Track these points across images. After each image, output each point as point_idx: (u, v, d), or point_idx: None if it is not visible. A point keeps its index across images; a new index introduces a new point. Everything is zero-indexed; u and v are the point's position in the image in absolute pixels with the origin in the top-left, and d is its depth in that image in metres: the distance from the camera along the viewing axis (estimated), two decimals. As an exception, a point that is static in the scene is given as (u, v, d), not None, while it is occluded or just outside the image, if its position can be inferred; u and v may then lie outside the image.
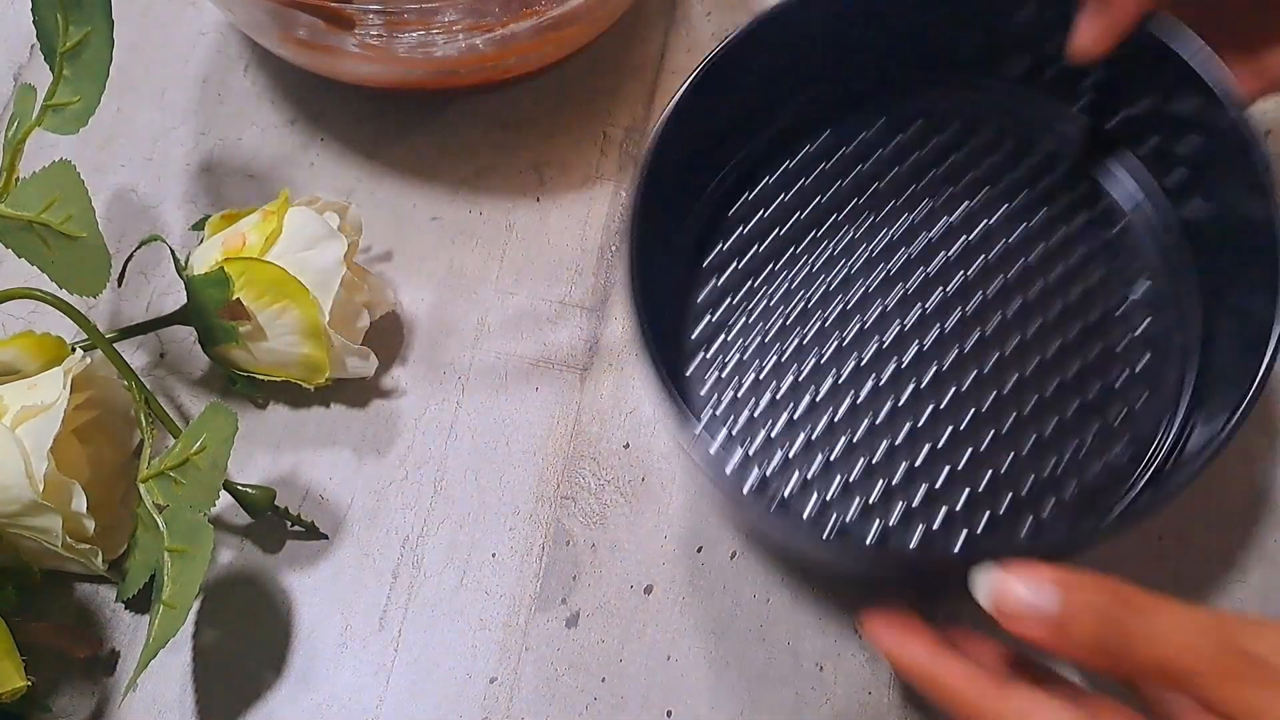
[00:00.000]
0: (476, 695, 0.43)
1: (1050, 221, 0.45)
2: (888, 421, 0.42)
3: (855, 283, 0.44)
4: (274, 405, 0.48)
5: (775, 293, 0.44)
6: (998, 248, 0.44)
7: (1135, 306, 0.43)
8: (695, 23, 0.57)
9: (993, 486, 0.41)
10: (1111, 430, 0.41)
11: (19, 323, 0.50)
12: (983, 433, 0.42)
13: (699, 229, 0.45)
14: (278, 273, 0.44)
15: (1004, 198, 0.45)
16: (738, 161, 0.46)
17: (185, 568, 0.39)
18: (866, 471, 0.41)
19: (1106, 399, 0.42)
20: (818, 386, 0.43)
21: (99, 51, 0.42)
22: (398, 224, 0.52)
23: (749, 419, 0.42)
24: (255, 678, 0.43)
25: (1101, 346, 0.43)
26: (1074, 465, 0.41)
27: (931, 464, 0.41)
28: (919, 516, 0.40)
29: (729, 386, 0.43)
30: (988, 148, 0.46)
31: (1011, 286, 0.44)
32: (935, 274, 0.44)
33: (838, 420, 0.42)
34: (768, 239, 0.45)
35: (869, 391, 0.42)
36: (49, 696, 0.43)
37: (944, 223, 0.45)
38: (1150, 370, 0.42)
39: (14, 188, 0.42)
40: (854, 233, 0.45)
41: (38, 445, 0.39)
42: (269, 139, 0.54)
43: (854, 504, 0.41)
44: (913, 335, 0.43)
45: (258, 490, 0.44)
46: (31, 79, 0.51)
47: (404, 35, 0.47)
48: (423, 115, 0.55)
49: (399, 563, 0.45)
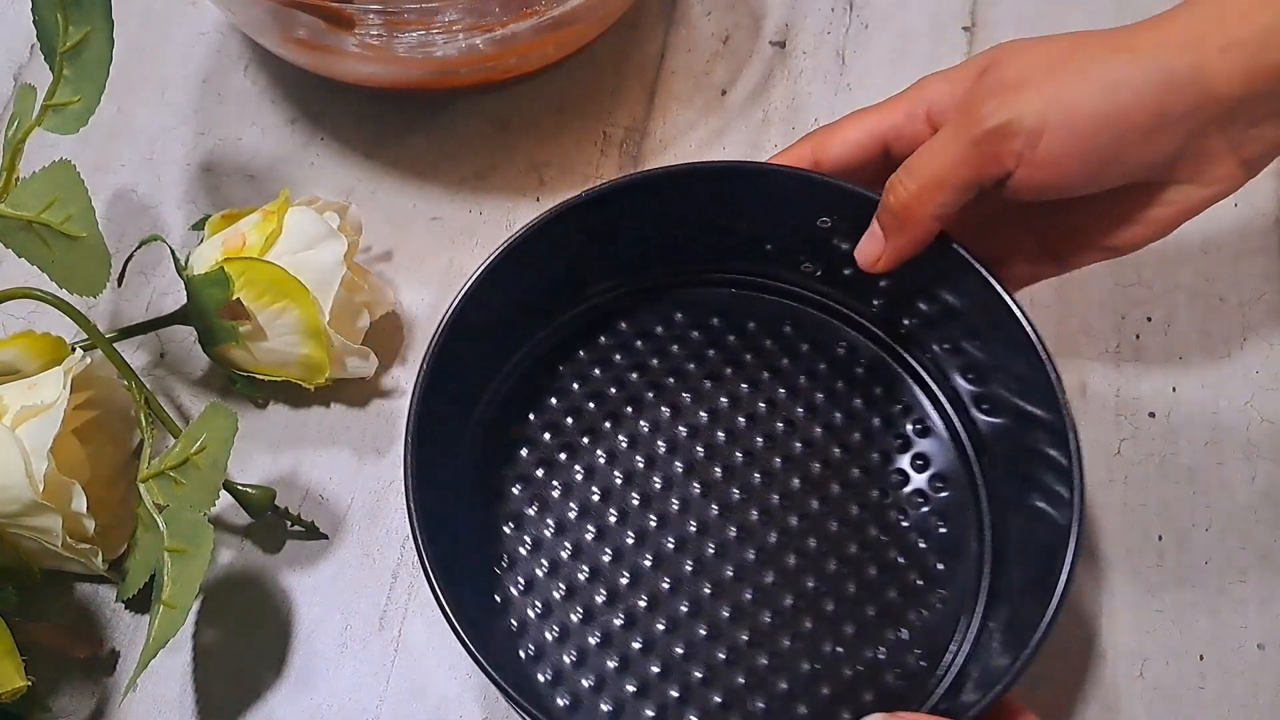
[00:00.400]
0: (477, 695, 0.43)
1: (850, 417, 0.44)
2: (685, 621, 0.41)
3: (650, 479, 0.43)
4: (274, 405, 0.48)
5: (572, 492, 0.43)
6: (797, 443, 0.44)
7: (934, 509, 0.43)
8: (695, 23, 0.57)
9: (789, 692, 0.40)
10: (910, 631, 0.41)
11: (19, 322, 0.50)
12: (779, 637, 0.41)
13: (498, 409, 0.44)
14: (278, 273, 0.44)
15: (806, 391, 0.45)
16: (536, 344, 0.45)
17: (185, 568, 0.39)
18: (661, 675, 0.40)
19: (902, 602, 0.41)
20: (622, 594, 0.41)
21: (99, 51, 0.42)
22: (398, 224, 0.52)
23: (546, 611, 0.41)
24: (255, 678, 0.43)
25: (898, 549, 0.42)
26: (869, 673, 0.40)
27: (727, 672, 0.40)
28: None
29: (533, 576, 0.42)
30: (790, 342, 0.46)
31: (806, 485, 0.43)
32: (734, 467, 0.43)
33: (634, 620, 0.41)
34: (563, 430, 0.44)
35: (666, 591, 0.41)
36: (49, 696, 0.43)
37: (746, 416, 0.44)
38: (944, 575, 0.42)
39: (14, 187, 0.42)
40: (650, 424, 0.44)
41: (38, 445, 0.39)
42: (269, 139, 0.54)
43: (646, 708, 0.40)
44: (710, 533, 0.42)
45: (258, 490, 0.44)
46: (32, 79, 0.51)
47: (404, 35, 0.47)
48: (423, 115, 0.55)
49: (399, 563, 0.45)
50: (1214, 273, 0.50)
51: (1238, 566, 0.45)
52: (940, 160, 0.37)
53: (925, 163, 0.37)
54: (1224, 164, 0.36)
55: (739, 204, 0.43)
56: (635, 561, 0.42)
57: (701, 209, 0.43)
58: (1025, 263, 0.42)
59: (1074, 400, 0.48)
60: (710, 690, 0.40)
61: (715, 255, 0.46)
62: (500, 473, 0.43)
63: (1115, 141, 0.35)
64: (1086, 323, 0.50)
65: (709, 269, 0.46)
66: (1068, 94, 0.35)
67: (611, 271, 0.46)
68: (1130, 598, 0.44)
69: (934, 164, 0.37)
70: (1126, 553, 0.45)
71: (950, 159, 0.37)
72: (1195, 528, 0.45)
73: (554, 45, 0.50)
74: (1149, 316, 0.50)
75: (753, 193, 0.42)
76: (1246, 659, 0.43)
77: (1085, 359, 0.49)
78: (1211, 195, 0.37)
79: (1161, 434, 0.47)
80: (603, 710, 0.39)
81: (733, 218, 0.44)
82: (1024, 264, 0.42)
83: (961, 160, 0.36)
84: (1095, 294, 0.50)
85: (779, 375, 0.45)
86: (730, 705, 0.40)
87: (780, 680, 0.40)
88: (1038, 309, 0.50)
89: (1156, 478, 0.46)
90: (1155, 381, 0.48)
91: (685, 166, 0.42)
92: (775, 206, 0.43)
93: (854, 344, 0.46)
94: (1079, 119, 0.35)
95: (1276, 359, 0.49)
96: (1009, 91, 0.35)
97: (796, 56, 0.56)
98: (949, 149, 0.37)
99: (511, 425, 0.44)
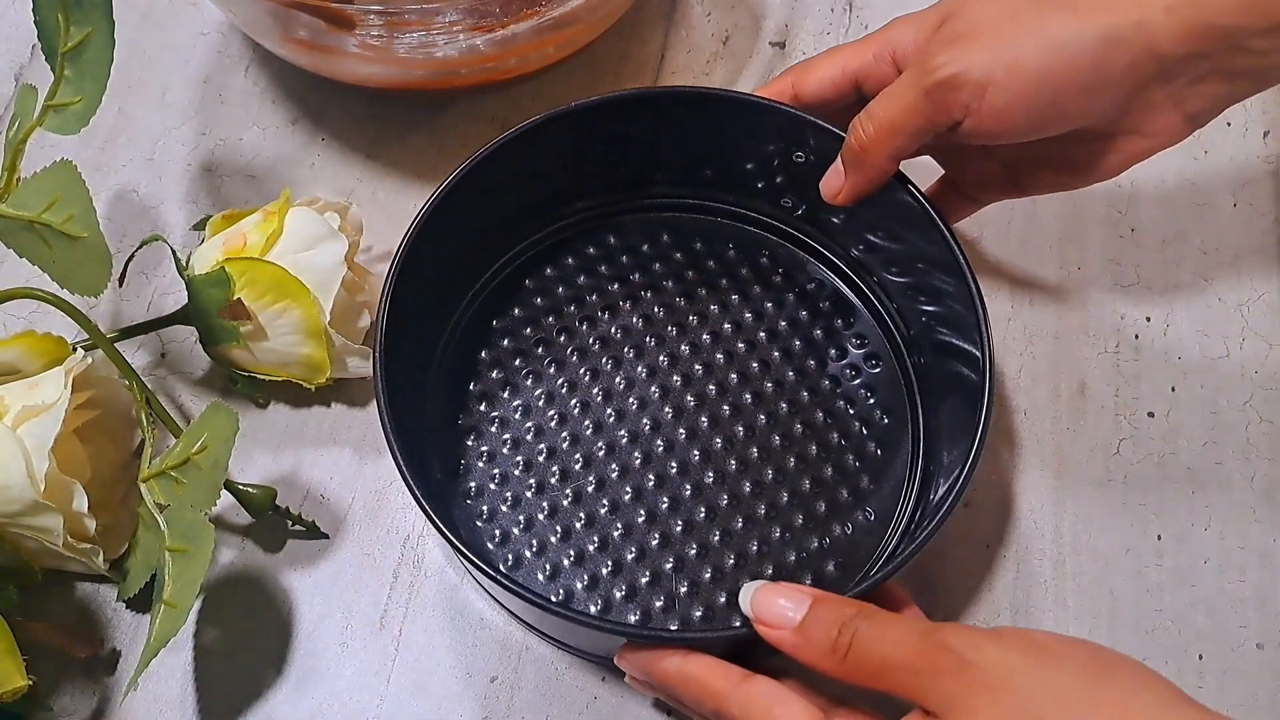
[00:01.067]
0: (477, 695, 0.43)
1: (808, 344, 0.48)
2: (626, 506, 0.44)
3: (613, 378, 0.47)
4: (275, 405, 0.48)
5: (542, 381, 0.47)
6: (754, 363, 0.47)
7: (871, 388, 0.46)
8: (695, 23, 0.57)
9: (757, 562, 0.43)
10: (859, 495, 0.44)
11: (20, 322, 0.50)
12: (737, 515, 0.44)
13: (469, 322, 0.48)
14: (279, 272, 0.44)
15: (771, 317, 0.48)
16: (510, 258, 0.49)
17: (186, 567, 0.39)
18: (598, 549, 0.43)
19: (850, 470, 0.45)
20: (573, 475, 0.45)
21: (100, 51, 0.42)
22: (398, 224, 0.52)
23: (514, 513, 0.44)
24: (256, 677, 0.43)
25: (839, 427, 0.46)
26: (829, 532, 0.44)
27: (657, 554, 0.43)
28: (700, 596, 0.42)
29: (494, 471, 0.45)
30: (764, 271, 0.49)
31: (756, 401, 0.46)
32: (693, 377, 0.47)
33: (580, 498, 0.44)
34: (531, 333, 0.48)
35: (614, 477, 0.45)
36: (50, 696, 0.43)
37: (711, 333, 0.48)
38: (886, 440, 0.45)
39: (15, 188, 0.42)
40: (620, 330, 0.48)
41: (39, 445, 0.39)
42: (270, 139, 0.54)
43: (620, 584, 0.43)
44: (662, 431, 0.45)
45: (259, 490, 0.44)
46: (33, 79, 0.51)
47: (404, 36, 0.47)
48: (423, 115, 0.55)
49: (399, 562, 0.45)
50: (1214, 273, 0.51)
51: (1237, 566, 0.45)
52: (895, 108, 0.39)
53: (882, 108, 0.40)
54: (1167, 117, 0.38)
55: (720, 132, 0.46)
56: (589, 449, 0.45)
57: (683, 134, 0.47)
58: (993, 185, 0.44)
59: (1074, 400, 0.48)
60: (640, 568, 0.43)
61: (704, 184, 0.49)
62: (477, 355, 0.47)
63: (1056, 95, 0.37)
64: (1086, 323, 0.50)
65: (700, 197, 0.50)
66: (1013, 50, 0.36)
67: (605, 189, 0.49)
68: (1130, 597, 0.44)
69: (889, 110, 0.39)
70: (1126, 553, 0.45)
71: (904, 107, 0.39)
72: (1195, 528, 0.45)
73: (554, 46, 0.51)
74: (1149, 316, 0.50)
75: (733, 122, 0.45)
76: (1246, 659, 0.43)
77: (1085, 359, 0.49)
78: (1154, 145, 0.39)
79: (1161, 434, 0.47)
80: (539, 573, 0.43)
81: (717, 146, 0.47)
82: (992, 186, 0.44)
83: (914, 109, 0.39)
84: (1095, 294, 0.50)
85: (748, 300, 0.48)
86: (656, 583, 0.43)
87: (705, 568, 0.43)
88: (1038, 306, 0.50)
89: (1156, 478, 0.46)
90: (1155, 381, 0.48)
91: (667, 89, 0.48)
92: (754, 137, 0.46)
93: (822, 279, 0.49)
94: (1022, 74, 0.36)
95: (1276, 359, 0.49)
96: (960, 44, 0.37)
97: (796, 57, 0.56)
98: (904, 97, 0.39)
99: (494, 315, 0.48)
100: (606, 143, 0.47)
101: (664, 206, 0.50)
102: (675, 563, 0.43)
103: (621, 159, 0.48)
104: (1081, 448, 0.47)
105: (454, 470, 0.45)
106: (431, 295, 0.45)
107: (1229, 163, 0.53)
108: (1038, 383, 0.48)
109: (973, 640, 0.31)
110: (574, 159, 0.47)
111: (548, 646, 0.43)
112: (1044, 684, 0.29)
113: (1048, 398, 0.48)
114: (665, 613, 0.42)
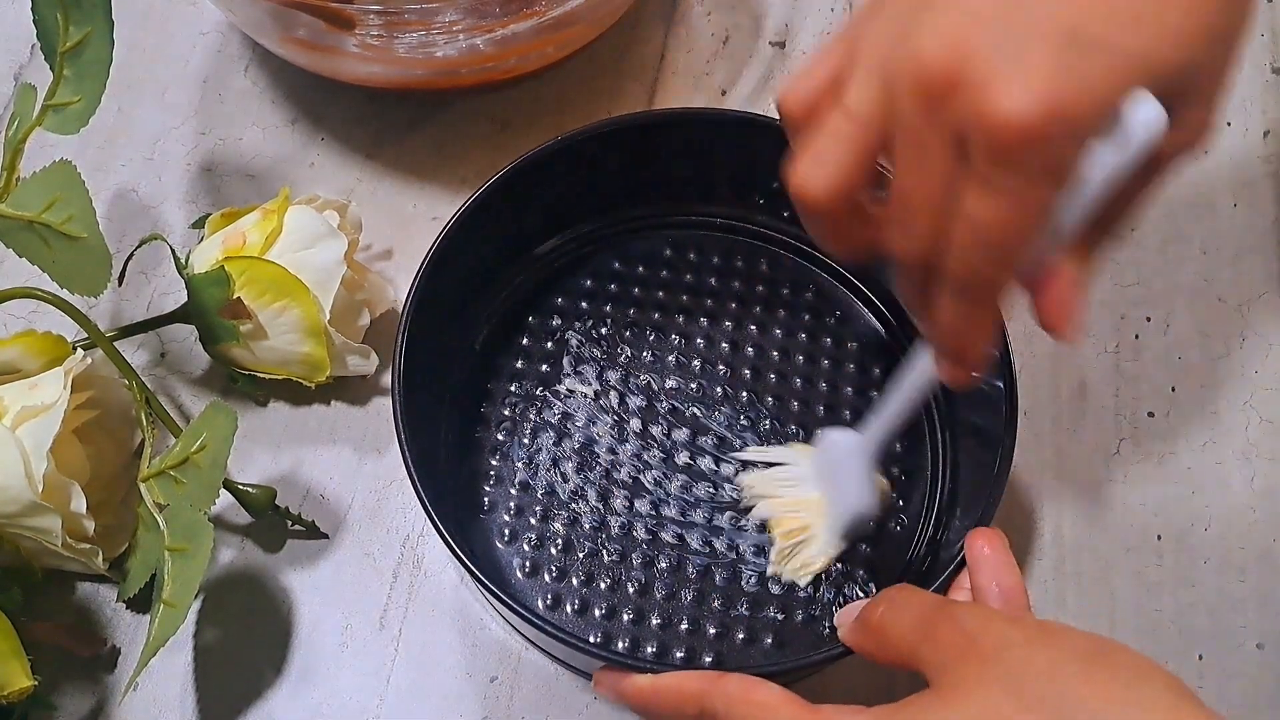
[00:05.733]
0: (477, 695, 0.43)
1: (813, 341, 0.48)
2: (656, 542, 0.44)
3: (621, 406, 0.47)
4: (274, 404, 0.48)
5: (565, 394, 0.47)
6: (772, 374, 0.47)
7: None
8: (695, 23, 0.57)
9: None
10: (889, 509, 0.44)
11: (20, 322, 0.50)
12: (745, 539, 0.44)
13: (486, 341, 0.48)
14: (278, 271, 0.44)
15: (780, 322, 0.49)
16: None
17: (185, 567, 0.39)
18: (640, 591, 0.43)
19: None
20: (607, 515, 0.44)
21: (99, 51, 0.42)
22: (398, 223, 0.52)
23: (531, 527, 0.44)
24: (255, 677, 0.43)
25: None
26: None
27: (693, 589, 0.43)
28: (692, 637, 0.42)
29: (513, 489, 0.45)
30: (768, 279, 0.50)
31: (784, 393, 0.47)
32: (712, 383, 0.47)
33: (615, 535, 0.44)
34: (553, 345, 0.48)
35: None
36: (50, 695, 0.43)
37: (718, 338, 0.48)
38: (906, 487, 0.45)
39: (15, 188, 0.42)
40: (639, 347, 0.48)
41: (38, 445, 0.39)
42: (269, 139, 0.54)
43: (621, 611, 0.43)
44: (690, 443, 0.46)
45: (258, 489, 0.44)
46: (32, 79, 0.51)
47: (404, 35, 0.47)
48: (423, 115, 0.55)
49: (399, 562, 0.45)
50: (1214, 273, 0.51)
51: (1237, 566, 0.45)
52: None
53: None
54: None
55: (714, 150, 0.47)
56: (607, 480, 0.45)
57: (685, 153, 0.48)
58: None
59: (1074, 400, 0.48)
60: (643, 600, 0.43)
61: (705, 198, 0.50)
62: (485, 385, 0.47)
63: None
64: (1086, 323, 0.50)
65: (700, 212, 0.51)
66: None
67: (614, 205, 0.50)
68: (1130, 597, 0.44)
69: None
70: (1126, 552, 0.45)
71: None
72: (1195, 528, 0.45)
73: (554, 45, 0.51)
74: (1149, 316, 0.50)
75: (730, 139, 0.47)
76: (1246, 659, 0.43)
77: (1085, 359, 0.49)
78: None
79: (1161, 434, 0.47)
80: (540, 598, 0.43)
81: (712, 162, 0.48)
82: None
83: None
84: (1095, 294, 0.50)
85: (753, 305, 0.49)
86: (651, 616, 0.43)
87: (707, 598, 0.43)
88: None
89: (1156, 478, 0.46)
90: (1155, 381, 0.48)
91: (667, 113, 0.50)
92: (751, 153, 0.47)
93: (822, 286, 0.49)
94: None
95: (1276, 359, 0.49)
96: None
97: (796, 56, 0.56)
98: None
99: (523, 313, 0.49)
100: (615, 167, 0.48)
101: (664, 225, 0.50)
102: (667, 594, 0.43)
103: (638, 178, 0.49)
104: (1081, 448, 0.47)
105: (473, 501, 0.45)
106: (445, 325, 0.45)
107: (1229, 163, 0.53)
108: (1038, 383, 0.48)
109: (982, 617, 0.31)
110: (585, 183, 0.48)
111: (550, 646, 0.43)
112: (1036, 659, 0.30)
113: (1048, 398, 0.48)
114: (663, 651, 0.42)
